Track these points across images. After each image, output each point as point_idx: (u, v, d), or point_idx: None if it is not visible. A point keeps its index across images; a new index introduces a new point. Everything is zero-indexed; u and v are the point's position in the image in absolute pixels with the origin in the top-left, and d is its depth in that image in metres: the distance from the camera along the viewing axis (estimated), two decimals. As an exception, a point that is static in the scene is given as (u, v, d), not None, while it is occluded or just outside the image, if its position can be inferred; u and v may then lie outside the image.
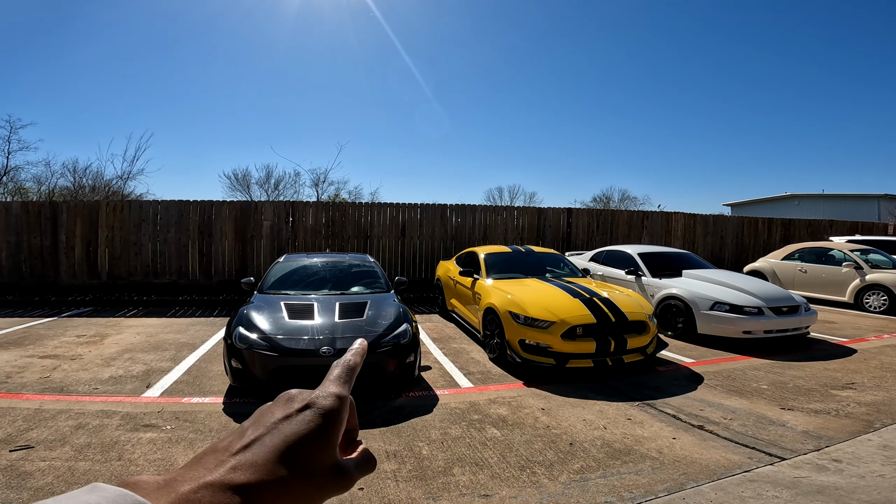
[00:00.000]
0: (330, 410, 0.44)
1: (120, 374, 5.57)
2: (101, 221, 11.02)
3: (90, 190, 25.05)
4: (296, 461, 0.40)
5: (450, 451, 3.77)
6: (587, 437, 4.02)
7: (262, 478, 0.38)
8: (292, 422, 0.42)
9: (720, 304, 7.06)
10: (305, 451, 0.41)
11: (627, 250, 9.28)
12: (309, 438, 0.42)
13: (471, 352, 6.67)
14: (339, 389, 0.46)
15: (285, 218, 11.66)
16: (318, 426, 0.42)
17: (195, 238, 11.27)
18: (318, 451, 0.42)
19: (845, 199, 30.65)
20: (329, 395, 0.45)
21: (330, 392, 0.45)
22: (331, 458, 0.43)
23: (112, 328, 7.99)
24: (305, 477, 0.40)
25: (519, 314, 5.76)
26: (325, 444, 0.43)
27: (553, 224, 13.09)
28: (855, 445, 3.78)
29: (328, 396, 0.45)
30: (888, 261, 10.54)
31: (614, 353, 5.60)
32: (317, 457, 0.42)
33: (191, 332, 7.78)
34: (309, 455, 0.41)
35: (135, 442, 3.86)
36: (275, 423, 0.42)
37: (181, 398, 4.85)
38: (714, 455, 3.68)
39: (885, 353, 6.67)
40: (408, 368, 4.91)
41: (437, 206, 12.38)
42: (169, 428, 4.14)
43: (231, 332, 4.81)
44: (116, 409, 4.52)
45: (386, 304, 5.54)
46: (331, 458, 0.43)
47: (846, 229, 16.43)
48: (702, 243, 14.43)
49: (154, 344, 6.95)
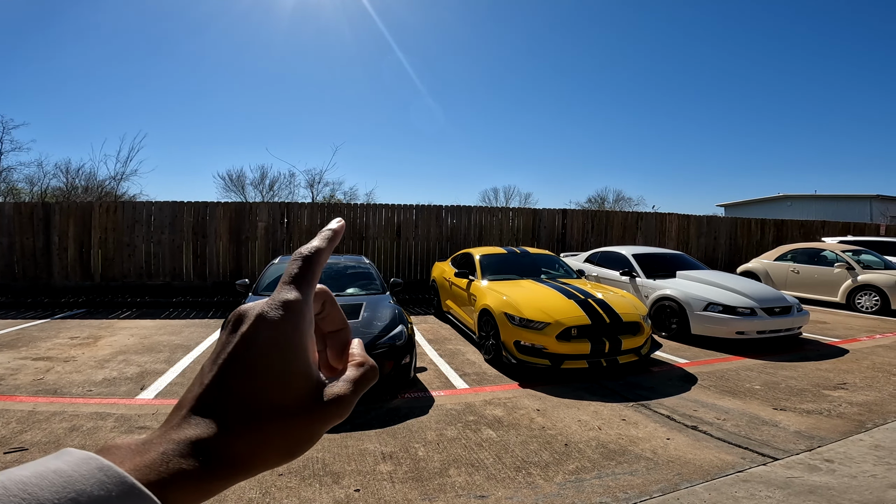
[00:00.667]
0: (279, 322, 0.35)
1: (114, 376, 5.54)
2: (94, 223, 10.95)
3: (83, 191, 24.88)
4: (259, 397, 0.34)
5: (446, 452, 3.78)
6: (582, 438, 4.04)
7: (229, 427, 0.32)
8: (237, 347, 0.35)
9: (713, 304, 7.11)
10: (265, 382, 0.34)
11: (622, 251, 9.32)
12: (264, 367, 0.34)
13: (466, 353, 6.68)
14: (292, 294, 0.37)
15: (280, 219, 11.63)
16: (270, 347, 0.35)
17: (189, 239, 11.22)
18: (284, 379, 0.35)
19: (838, 200, 30.90)
20: (278, 303, 0.36)
21: (280, 299, 0.36)
22: (307, 382, 0.36)
23: (105, 330, 7.94)
24: (281, 416, 0.34)
25: (514, 315, 5.78)
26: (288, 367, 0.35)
27: (548, 225, 13.13)
28: (847, 445, 3.82)
29: (276, 306, 0.36)
30: (880, 261, 10.64)
31: (609, 354, 5.63)
32: (286, 387, 0.35)
33: (185, 333, 7.75)
34: (275, 387, 0.34)
35: None
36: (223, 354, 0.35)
37: (176, 400, 4.80)
38: (708, 455, 3.71)
39: (877, 353, 6.73)
40: (403, 370, 4.91)
41: (432, 208, 12.39)
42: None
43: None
44: (111, 412, 4.50)
45: (381, 306, 5.54)
46: (307, 383, 0.36)
47: (838, 230, 16.57)
48: (695, 244, 14.51)
49: (148, 346, 6.92)
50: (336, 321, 0.43)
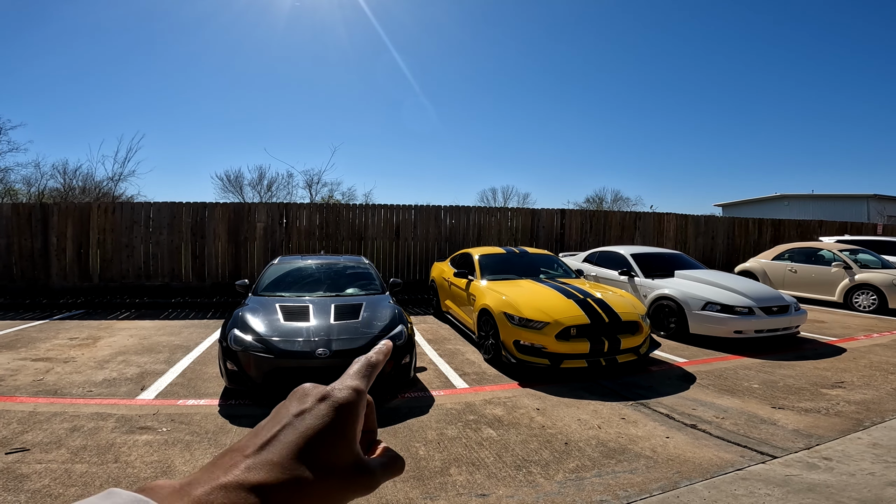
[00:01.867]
0: (346, 403, 0.42)
1: (114, 377, 5.54)
2: (91, 223, 10.93)
3: (80, 192, 24.84)
4: (313, 458, 0.39)
5: (446, 451, 3.79)
6: (582, 437, 4.06)
7: (279, 477, 0.37)
8: (308, 416, 0.41)
9: (712, 304, 7.14)
10: (323, 446, 0.40)
11: (620, 251, 9.35)
12: (326, 433, 0.40)
13: (466, 353, 6.70)
14: (356, 382, 0.45)
15: (279, 219, 11.63)
16: (334, 420, 0.41)
17: (188, 240, 11.21)
18: (336, 446, 0.40)
19: (835, 200, 30.99)
20: (345, 387, 0.44)
21: (347, 385, 0.44)
22: (351, 454, 0.41)
23: (105, 331, 7.94)
24: (324, 475, 0.39)
25: (514, 315, 5.79)
26: (342, 438, 0.41)
27: (547, 225, 13.15)
28: (845, 444, 3.85)
29: (344, 389, 0.44)
30: (877, 260, 10.70)
31: (608, 354, 5.65)
32: (335, 453, 0.40)
33: (184, 334, 7.74)
34: (327, 451, 0.40)
35: (131, 444, 3.84)
36: (290, 418, 0.41)
37: (176, 400, 4.84)
38: (707, 454, 3.73)
39: (874, 351, 6.77)
40: (403, 370, 4.92)
41: (430, 208, 12.40)
42: (165, 430, 4.13)
43: (226, 334, 4.81)
44: (111, 412, 4.50)
45: (381, 306, 5.56)
46: (351, 455, 0.41)
47: (835, 229, 16.63)
48: (693, 244, 14.56)
49: (147, 346, 6.92)
50: (370, 423, 0.49)
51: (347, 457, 0.41)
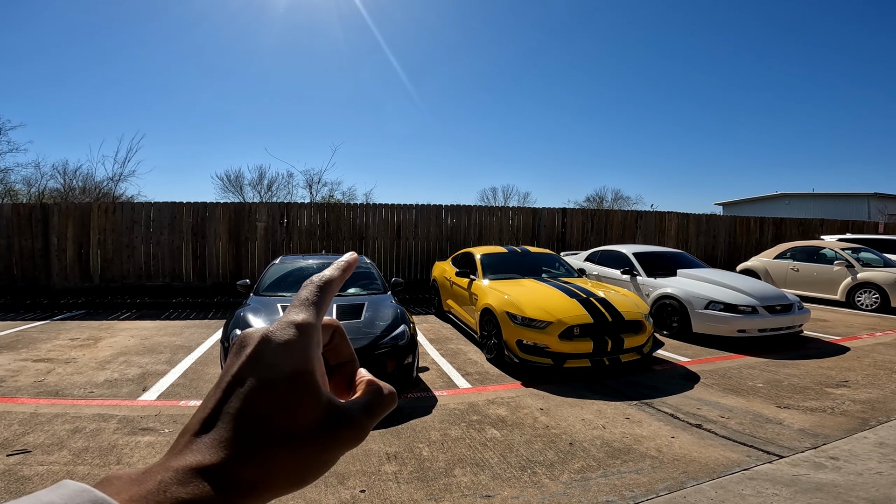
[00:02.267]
0: (287, 343, 0.34)
1: (115, 378, 5.52)
2: (92, 223, 10.92)
3: (80, 192, 24.82)
4: (268, 423, 0.32)
5: (450, 451, 3.77)
6: (586, 437, 4.03)
7: (231, 455, 0.31)
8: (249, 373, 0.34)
9: (715, 303, 7.11)
10: (275, 407, 0.33)
11: (622, 250, 9.32)
12: (273, 390, 0.33)
13: (468, 352, 6.67)
14: (301, 315, 0.36)
15: (279, 219, 11.61)
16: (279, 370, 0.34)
17: (189, 240, 11.19)
18: (291, 403, 0.33)
19: (835, 198, 30.98)
20: (287, 324, 0.36)
21: (288, 321, 0.36)
22: (317, 405, 0.34)
23: (106, 331, 7.92)
24: (288, 440, 0.32)
25: (516, 315, 5.77)
26: (296, 389, 0.34)
27: (548, 224, 13.12)
28: (852, 443, 3.82)
29: (286, 327, 0.35)
30: (879, 259, 10.66)
31: (611, 353, 5.62)
32: (295, 411, 0.33)
33: (186, 334, 7.72)
34: (282, 411, 0.33)
35: (133, 445, 3.83)
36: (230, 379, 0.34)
37: (178, 401, 4.82)
38: (713, 453, 3.71)
39: (878, 350, 6.74)
40: (406, 369, 4.90)
41: (431, 207, 12.38)
42: (167, 431, 4.11)
43: (228, 334, 4.79)
44: (113, 413, 4.48)
45: (383, 306, 5.53)
46: (317, 407, 0.34)
47: (837, 228, 16.60)
48: (695, 243, 14.52)
49: (149, 347, 6.90)
50: (343, 354, 0.42)
51: (313, 410, 0.34)
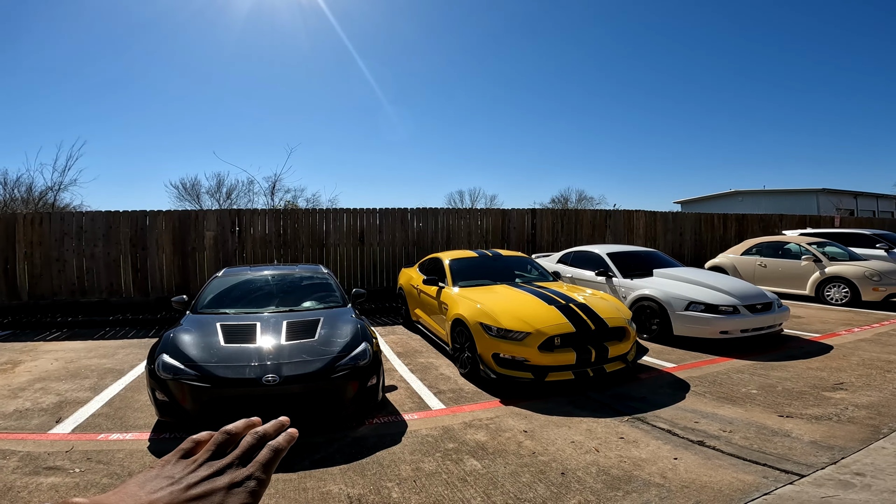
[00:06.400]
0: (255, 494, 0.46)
1: (27, 407, 4.76)
2: (17, 236, 9.77)
3: (22, 203, 22.84)
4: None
5: (424, 491, 3.18)
6: (580, 464, 3.51)
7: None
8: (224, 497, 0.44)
9: (695, 303, 6.77)
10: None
11: (596, 251, 8.94)
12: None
13: (440, 367, 6.08)
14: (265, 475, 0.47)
15: (231, 227, 10.71)
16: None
17: (127, 252, 10.15)
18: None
19: (786, 194, 32.02)
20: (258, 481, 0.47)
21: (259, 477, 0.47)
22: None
23: (28, 354, 6.95)
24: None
25: (491, 326, 5.22)
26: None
27: (517, 226, 12.70)
28: (871, 455, 3.43)
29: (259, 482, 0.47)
30: (844, 253, 10.70)
31: (595, 363, 5.15)
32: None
33: (119, 355, 6.83)
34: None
35: (32, 488, 3.18)
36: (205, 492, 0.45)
37: (97, 434, 4.11)
38: (724, 476, 3.25)
39: (862, 348, 6.53)
40: (370, 392, 4.27)
41: (397, 211, 11.74)
42: (77, 471, 3.45)
43: (154, 359, 4.04)
44: (16, 449, 3.81)
45: (342, 321, 4.87)
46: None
47: (795, 223, 16.89)
48: (663, 240, 14.41)
49: (73, 371, 6.02)
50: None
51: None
